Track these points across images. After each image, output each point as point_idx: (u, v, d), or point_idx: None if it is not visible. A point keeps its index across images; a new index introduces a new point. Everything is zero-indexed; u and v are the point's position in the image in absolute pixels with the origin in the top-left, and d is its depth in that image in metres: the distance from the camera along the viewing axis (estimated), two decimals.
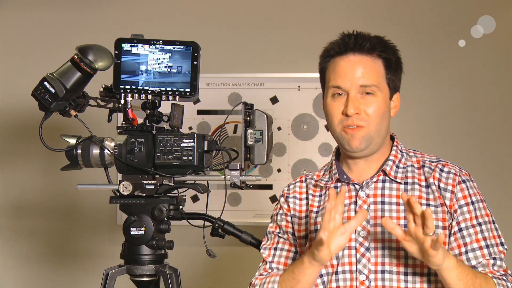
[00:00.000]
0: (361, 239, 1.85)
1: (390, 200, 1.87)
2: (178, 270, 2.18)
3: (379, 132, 1.87)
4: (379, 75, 1.87)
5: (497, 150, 3.44)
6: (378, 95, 1.86)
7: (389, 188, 1.89)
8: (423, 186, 1.88)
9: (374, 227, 1.85)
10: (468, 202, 1.86)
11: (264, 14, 3.51)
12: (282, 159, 3.46)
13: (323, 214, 1.71)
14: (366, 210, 1.77)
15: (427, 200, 1.86)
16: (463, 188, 1.87)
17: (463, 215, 1.85)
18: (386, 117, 1.89)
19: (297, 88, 3.45)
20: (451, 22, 3.44)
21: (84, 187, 2.26)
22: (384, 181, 1.89)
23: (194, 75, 2.15)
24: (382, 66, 1.87)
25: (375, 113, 1.85)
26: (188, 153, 2.13)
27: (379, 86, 1.86)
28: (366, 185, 1.89)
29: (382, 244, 1.84)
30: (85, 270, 3.49)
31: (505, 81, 3.45)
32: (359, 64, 1.85)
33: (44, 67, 2.27)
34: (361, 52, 1.86)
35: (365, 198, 1.88)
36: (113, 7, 3.54)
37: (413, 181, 1.89)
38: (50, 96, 2.09)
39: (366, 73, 1.85)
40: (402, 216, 1.84)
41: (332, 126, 1.89)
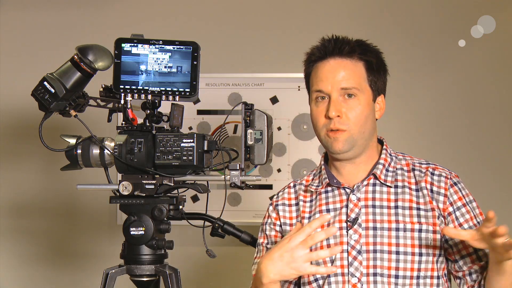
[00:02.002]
0: (353, 242, 1.86)
1: (381, 203, 1.89)
2: (178, 270, 2.18)
3: (363, 135, 1.88)
4: (360, 77, 1.88)
5: (497, 150, 3.43)
6: (360, 98, 1.87)
7: (380, 192, 1.90)
8: (413, 189, 1.90)
9: (366, 230, 1.86)
10: (465, 203, 1.88)
11: (264, 14, 3.51)
12: (282, 159, 3.45)
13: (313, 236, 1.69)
14: (335, 229, 1.73)
15: (417, 204, 1.88)
16: (456, 190, 1.89)
17: (463, 216, 1.87)
18: (370, 119, 1.90)
19: (297, 88, 3.45)
20: (451, 22, 3.44)
21: (84, 187, 2.26)
22: (374, 185, 1.91)
23: (194, 75, 2.15)
24: (363, 69, 1.89)
25: (357, 116, 1.86)
26: (188, 153, 2.13)
27: (360, 88, 1.87)
28: (357, 189, 1.90)
29: (373, 247, 1.85)
30: (85, 270, 3.49)
31: (505, 81, 3.44)
32: (340, 68, 1.88)
33: (44, 67, 2.27)
34: (341, 56, 1.88)
35: (356, 202, 1.89)
36: (113, 7, 3.54)
37: (403, 185, 1.91)
38: (50, 96, 2.09)
39: (347, 76, 1.87)
40: (394, 220, 1.86)
41: (317, 130, 1.92)
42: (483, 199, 3.29)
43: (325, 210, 1.92)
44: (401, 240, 1.84)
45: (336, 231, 1.81)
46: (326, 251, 1.70)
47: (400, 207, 1.87)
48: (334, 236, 1.88)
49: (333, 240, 1.88)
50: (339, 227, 1.88)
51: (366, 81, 1.89)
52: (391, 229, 1.85)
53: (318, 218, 1.72)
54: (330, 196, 1.94)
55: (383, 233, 1.85)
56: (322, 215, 1.80)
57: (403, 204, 1.88)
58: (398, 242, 1.84)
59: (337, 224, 1.89)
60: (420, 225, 1.85)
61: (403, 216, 1.86)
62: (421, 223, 1.85)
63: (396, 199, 1.88)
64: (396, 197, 1.89)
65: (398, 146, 2.12)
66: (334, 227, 1.79)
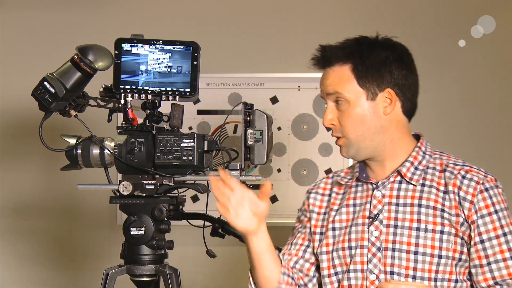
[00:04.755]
0: (373, 238, 1.85)
1: (404, 201, 1.86)
2: (178, 270, 2.18)
3: (362, 137, 1.87)
4: (344, 81, 1.87)
5: (497, 150, 3.44)
6: (350, 102, 1.86)
7: (404, 190, 1.88)
8: (441, 190, 1.85)
9: (387, 228, 1.85)
10: (491, 212, 1.81)
11: (264, 14, 3.51)
12: (282, 159, 3.45)
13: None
14: (270, 183, 1.84)
15: (442, 205, 1.83)
16: (485, 197, 1.82)
17: (486, 225, 1.81)
18: (369, 120, 1.87)
19: (297, 88, 3.45)
20: (451, 22, 3.44)
21: (84, 187, 2.26)
22: (400, 182, 1.89)
23: (194, 75, 2.15)
24: (349, 71, 1.87)
25: (349, 121, 1.86)
26: (188, 153, 2.13)
27: (345, 92, 1.86)
28: (382, 185, 1.89)
29: (393, 245, 1.84)
30: (85, 270, 3.49)
31: (505, 81, 3.45)
32: (326, 75, 1.90)
33: (44, 67, 2.27)
34: (330, 65, 1.89)
35: (380, 198, 1.88)
36: (113, 7, 3.54)
37: (431, 184, 1.86)
38: (50, 96, 2.09)
39: (332, 82, 1.88)
40: (415, 219, 1.83)
41: None
42: None
43: (352, 204, 1.93)
44: (420, 240, 1.81)
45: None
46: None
47: (424, 206, 1.84)
48: (356, 231, 1.88)
49: (354, 235, 1.89)
50: (361, 223, 1.88)
51: (355, 83, 1.86)
52: (412, 228, 1.82)
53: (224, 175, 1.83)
54: (359, 191, 1.94)
55: (403, 232, 1.83)
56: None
57: (427, 203, 1.84)
58: (418, 242, 1.81)
59: (360, 220, 1.89)
60: (442, 226, 1.82)
61: (426, 216, 1.83)
62: (443, 225, 1.82)
63: (420, 197, 1.85)
64: (421, 195, 1.85)
65: None
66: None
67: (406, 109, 1.92)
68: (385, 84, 1.88)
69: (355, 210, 1.92)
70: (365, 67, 1.86)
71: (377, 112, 1.87)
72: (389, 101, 1.88)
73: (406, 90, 1.91)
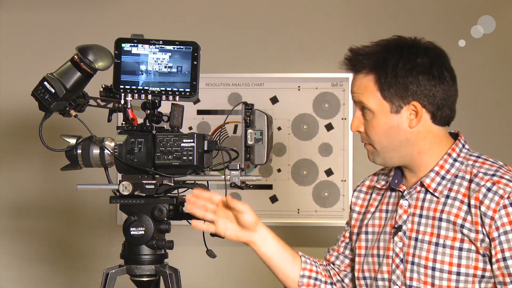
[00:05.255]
0: (397, 249, 1.83)
1: (427, 213, 1.81)
2: (178, 270, 2.18)
3: (387, 149, 1.82)
4: (369, 91, 1.81)
5: (497, 150, 3.43)
6: (375, 113, 1.81)
7: (428, 201, 1.82)
8: (465, 203, 1.77)
9: (409, 240, 1.82)
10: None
11: (264, 14, 3.51)
12: (282, 159, 3.45)
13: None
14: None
15: (464, 220, 1.76)
16: (508, 212, 1.71)
17: (508, 242, 1.71)
18: (393, 133, 1.80)
19: (297, 88, 3.45)
20: (451, 22, 3.44)
21: (84, 187, 2.26)
22: (425, 192, 1.83)
23: (194, 75, 2.15)
24: (372, 82, 1.80)
25: (373, 132, 1.82)
26: (188, 153, 2.13)
27: (369, 103, 1.80)
28: (409, 194, 1.85)
29: (412, 258, 1.81)
30: (85, 270, 3.49)
31: (505, 81, 3.45)
32: (353, 81, 1.85)
33: (44, 67, 2.27)
34: (356, 71, 1.84)
35: (406, 208, 1.85)
36: (113, 7, 3.54)
37: (455, 196, 1.78)
38: (50, 96, 2.09)
39: (356, 89, 1.84)
40: (435, 233, 1.78)
41: None
42: None
43: (385, 210, 1.91)
44: (438, 256, 1.76)
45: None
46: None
47: (445, 220, 1.77)
48: (384, 239, 1.87)
49: (382, 243, 1.87)
50: (389, 231, 1.86)
51: (379, 95, 1.80)
52: (431, 243, 1.77)
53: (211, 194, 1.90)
54: (391, 196, 1.91)
55: (423, 246, 1.79)
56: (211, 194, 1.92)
57: (448, 218, 1.77)
58: (436, 258, 1.77)
59: (388, 228, 1.87)
60: (462, 243, 1.75)
61: (446, 231, 1.77)
62: (463, 241, 1.75)
63: (442, 210, 1.79)
64: (443, 208, 1.79)
65: None
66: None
67: (438, 118, 1.82)
68: (410, 97, 1.78)
69: (387, 217, 1.90)
70: (389, 79, 1.78)
71: (402, 126, 1.80)
72: (414, 114, 1.80)
73: (437, 100, 1.80)
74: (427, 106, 1.80)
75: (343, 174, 3.44)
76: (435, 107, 1.80)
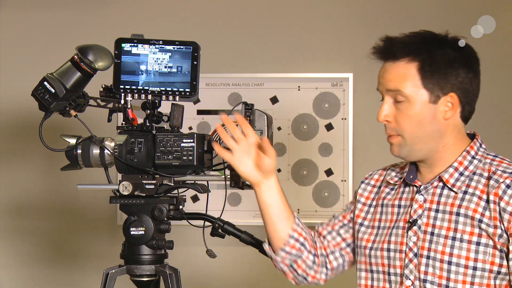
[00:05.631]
0: (411, 244, 1.83)
1: (444, 208, 1.81)
2: (178, 270, 2.18)
3: (418, 139, 1.81)
4: (408, 80, 1.79)
5: (497, 150, 3.43)
6: (411, 102, 1.79)
7: (446, 196, 1.82)
8: (483, 199, 1.78)
9: (424, 234, 1.82)
10: None
11: (264, 14, 3.51)
12: (282, 159, 3.45)
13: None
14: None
15: (482, 215, 1.76)
16: None
17: None
18: (427, 123, 1.80)
19: (297, 88, 3.45)
20: (451, 22, 3.44)
21: (84, 187, 2.26)
22: (443, 188, 1.84)
23: (194, 75, 2.15)
24: (415, 70, 1.79)
25: (406, 122, 1.80)
26: (188, 153, 2.13)
27: (406, 90, 1.79)
28: (425, 189, 1.85)
29: (428, 253, 1.80)
30: (85, 270, 3.49)
31: (505, 81, 3.44)
32: (390, 70, 1.82)
33: (44, 67, 2.27)
34: (394, 60, 1.81)
35: (422, 203, 1.85)
36: (113, 7, 3.54)
37: (474, 192, 1.79)
38: (50, 96, 2.09)
39: (394, 78, 1.81)
40: (452, 228, 1.78)
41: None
42: None
43: (397, 205, 1.90)
44: (455, 251, 1.76)
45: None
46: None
47: (462, 215, 1.78)
48: (396, 234, 1.86)
49: (394, 237, 1.86)
50: (402, 226, 1.86)
51: (420, 83, 1.79)
52: (448, 237, 1.78)
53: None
54: (405, 192, 1.91)
55: (439, 240, 1.79)
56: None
57: (466, 212, 1.77)
58: (452, 252, 1.76)
59: (401, 223, 1.86)
60: (479, 237, 1.75)
61: (464, 225, 1.77)
62: (480, 236, 1.75)
63: (459, 205, 1.79)
64: (461, 203, 1.79)
65: None
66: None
67: (465, 114, 1.85)
68: (449, 87, 1.80)
69: (399, 212, 1.89)
70: (433, 68, 1.78)
71: (437, 116, 1.81)
72: (450, 106, 1.81)
73: (470, 95, 1.83)
74: (462, 99, 1.81)
75: (343, 174, 3.44)
76: (466, 101, 1.83)
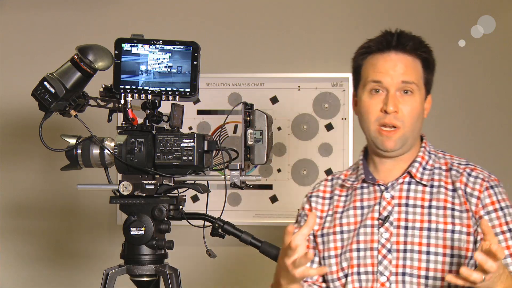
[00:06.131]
0: (383, 240, 1.85)
1: (414, 202, 1.86)
2: (178, 270, 2.18)
3: (413, 133, 1.87)
4: (418, 74, 1.87)
5: (497, 150, 3.43)
6: (416, 95, 1.86)
7: (414, 191, 1.87)
8: (449, 189, 1.87)
9: (397, 229, 1.85)
10: (497, 208, 1.84)
11: (264, 14, 3.51)
12: (282, 159, 3.45)
13: (295, 234, 1.68)
14: (314, 214, 1.74)
15: (452, 204, 1.85)
16: (490, 194, 1.85)
17: (492, 221, 1.82)
18: (421, 118, 1.88)
19: (297, 88, 3.45)
20: (451, 22, 3.44)
21: (84, 187, 2.26)
22: (409, 183, 1.88)
23: (194, 75, 2.15)
24: (420, 66, 1.88)
25: (411, 113, 1.85)
26: (188, 153, 2.13)
27: (418, 84, 1.86)
28: (391, 187, 1.88)
29: (404, 246, 1.83)
30: (85, 270, 3.49)
31: (505, 81, 3.44)
32: (401, 62, 1.86)
33: (44, 67, 2.27)
34: (403, 51, 1.86)
35: (390, 200, 1.87)
36: (113, 7, 3.54)
37: (439, 184, 1.88)
38: (50, 96, 2.09)
39: (408, 70, 1.85)
40: (426, 219, 1.84)
41: (367, 123, 1.88)
42: None
43: (359, 206, 1.92)
44: (432, 240, 1.82)
45: (314, 274, 1.79)
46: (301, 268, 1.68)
47: (434, 207, 1.84)
48: (365, 233, 1.87)
49: (363, 237, 1.87)
50: (370, 225, 1.87)
51: (422, 79, 1.88)
52: (423, 229, 1.82)
53: (308, 222, 1.69)
54: (365, 193, 1.93)
55: (414, 233, 1.83)
56: (311, 215, 1.72)
57: (437, 204, 1.85)
58: (429, 242, 1.82)
59: (369, 221, 1.88)
60: (453, 226, 1.82)
61: (437, 216, 1.83)
62: (454, 224, 1.82)
63: (430, 199, 1.86)
64: (431, 197, 1.86)
65: None
66: (324, 267, 1.79)
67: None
68: (430, 88, 1.93)
69: (363, 212, 1.91)
70: (430, 68, 1.91)
71: (423, 114, 1.91)
72: (428, 106, 1.93)
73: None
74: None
75: None
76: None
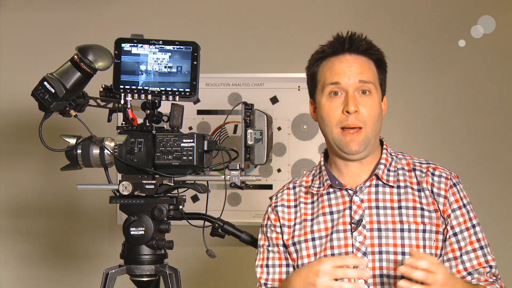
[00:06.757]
0: (358, 244, 1.85)
1: (384, 204, 1.88)
2: (178, 270, 2.18)
3: (375, 133, 1.88)
4: (373, 74, 1.89)
5: (497, 150, 3.44)
6: (374, 95, 1.86)
7: (382, 193, 1.89)
8: (415, 189, 1.89)
9: (370, 232, 1.85)
10: (461, 206, 1.89)
11: (264, 14, 3.51)
12: (282, 159, 3.46)
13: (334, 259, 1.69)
14: (368, 273, 1.73)
15: (420, 204, 1.87)
16: (454, 192, 1.89)
17: (457, 219, 1.87)
18: (380, 118, 1.89)
19: (297, 88, 3.45)
20: (451, 22, 3.44)
21: (84, 187, 2.26)
22: (377, 185, 1.90)
23: (194, 75, 2.15)
24: (374, 66, 1.89)
25: (372, 113, 1.85)
26: (188, 153, 2.13)
27: (375, 84, 1.87)
28: (360, 190, 1.89)
29: (379, 248, 1.84)
30: (85, 270, 3.49)
31: (505, 81, 3.45)
32: (356, 62, 1.87)
33: (44, 67, 2.27)
34: (357, 52, 1.88)
35: (360, 203, 1.88)
36: (113, 7, 3.54)
37: (406, 185, 1.90)
38: (50, 96, 2.09)
39: (364, 70, 1.86)
40: (398, 220, 1.86)
41: (328, 127, 1.87)
42: (483, 199, 3.31)
43: (329, 212, 1.91)
44: (406, 241, 1.83)
45: (369, 276, 1.79)
46: (349, 284, 1.67)
47: (404, 207, 1.87)
48: (338, 238, 1.87)
49: (336, 242, 1.87)
50: (343, 229, 1.87)
51: (377, 79, 1.89)
52: (396, 230, 1.84)
53: (354, 257, 1.72)
54: (332, 198, 1.92)
55: (388, 234, 1.84)
56: (359, 258, 1.74)
57: (407, 204, 1.87)
58: (404, 242, 1.83)
59: (341, 226, 1.88)
60: (424, 225, 1.85)
61: (407, 216, 1.85)
62: (425, 224, 1.85)
63: (399, 200, 1.88)
64: (399, 198, 1.88)
65: (398, 146, 2.12)
66: (367, 271, 1.74)
67: None
68: (384, 90, 1.94)
69: (333, 218, 1.90)
70: (382, 69, 1.92)
71: (381, 113, 1.91)
72: (384, 107, 1.94)
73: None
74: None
75: None
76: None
